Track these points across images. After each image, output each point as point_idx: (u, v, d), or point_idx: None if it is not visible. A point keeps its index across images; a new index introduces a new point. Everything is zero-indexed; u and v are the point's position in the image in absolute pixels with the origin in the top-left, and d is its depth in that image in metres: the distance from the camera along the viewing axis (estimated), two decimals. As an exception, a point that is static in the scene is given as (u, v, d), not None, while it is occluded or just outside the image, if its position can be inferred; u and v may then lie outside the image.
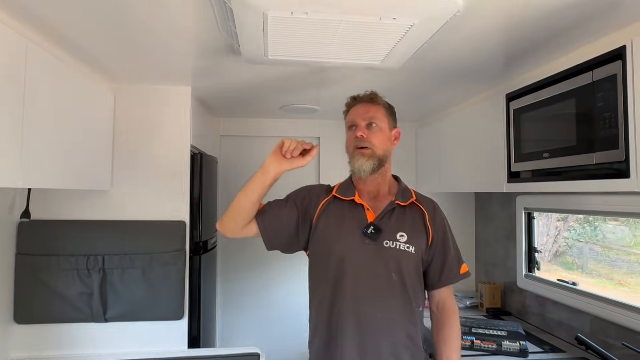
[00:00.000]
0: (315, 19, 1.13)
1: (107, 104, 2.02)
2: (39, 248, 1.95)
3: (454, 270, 1.36)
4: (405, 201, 1.36)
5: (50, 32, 1.45)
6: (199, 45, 1.55)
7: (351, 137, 1.34)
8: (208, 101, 2.51)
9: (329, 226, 1.33)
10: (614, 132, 1.33)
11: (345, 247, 1.29)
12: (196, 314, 2.20)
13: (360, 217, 1.32)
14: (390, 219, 1.32)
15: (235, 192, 3.13)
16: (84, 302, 1.96)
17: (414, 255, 1.30)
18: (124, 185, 2.08)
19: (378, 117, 1.33)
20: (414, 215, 1.35)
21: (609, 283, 2.00)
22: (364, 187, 1.38)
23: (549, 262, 2.34)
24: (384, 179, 1.39)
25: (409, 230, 1.32)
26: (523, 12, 1.26)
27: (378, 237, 1.28)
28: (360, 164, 1.30)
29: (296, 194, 1.43)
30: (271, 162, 1.29)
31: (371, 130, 1.32)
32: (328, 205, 1.36)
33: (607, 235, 2.08)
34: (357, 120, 1.33)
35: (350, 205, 1.35)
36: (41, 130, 1.43)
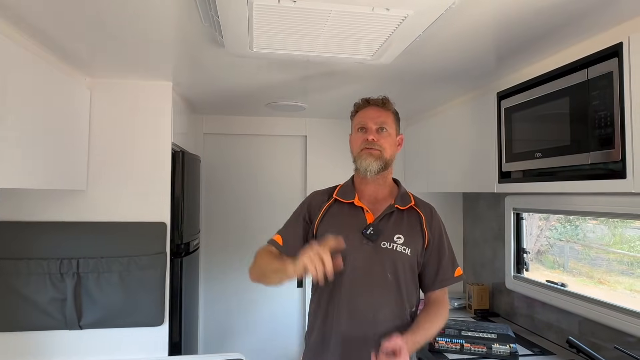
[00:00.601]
0: (304, 7, 1.06)
1: (82, 99, 1.92)
2: (8, 251, 1.84)
3: (448, 273, 1.41)
4: (404, 205, 1.40)
5: (19, 22, 1.34)
6: (180, 37, 1.47)
7: (360, 139, 1.37)
8: (191, 97, 2.42)
9: (330, 227, 1.36)
10: (610, 131, 1.30)
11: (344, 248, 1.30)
12: (177, 319, 2.11)
13: (360, 218, 1.36)
14: (389, 222, 1.36)
15: (220, 192, 3.03)
16: (57, 309, 1.86)
17: (410, 257, 1.34)
18: (101, 185, 1.98)
19: (388, 122, 1.38)
20: (411, 219, 1.40)
21: (589, 281, 2.01)
22: (365, 188, 1.42)
23: (531, 262, 2.34)
24: (385, 182, 1.43)
25: (406, 232, 1.36)
26: (517, 8, 1.22)
27: (376, 238, 1.33)
28: (368, 163, 1.34)
29: (302, 208, 1.46)
30: (292, 268, 1.18)
31: (381, 134, 1.37)
32: (329, 209, 1.40)
33: (587, 235, 2.09)
34: (369, 124, 1.36)
35: (350, 207, 1.39)
36: (10, 127, 1.33)
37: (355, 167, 1.41)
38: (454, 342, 1.90)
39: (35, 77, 1.49)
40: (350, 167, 1.45)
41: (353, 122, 1.44)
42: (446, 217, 3.05)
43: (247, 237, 2.95)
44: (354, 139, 1.41)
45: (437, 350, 1.90)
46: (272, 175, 3.05)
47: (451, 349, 1.89)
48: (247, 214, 2.99)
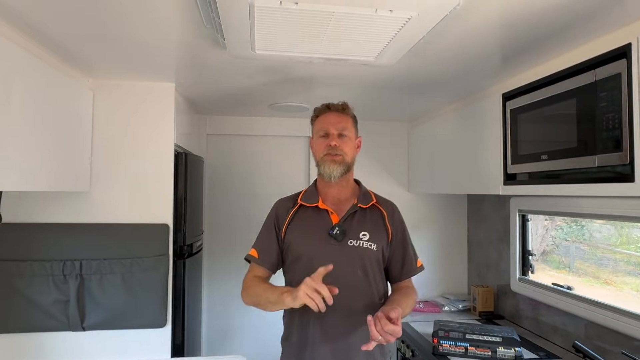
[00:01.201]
0: (306, 9, 1.05)
1: (85, 101, 1.91)
2: (11, 253, 1.84)
3: (413, 265, 1.52)
4: (366, 204, 1.48)
5: (23, 25, 1.34)
6: (182, 39, 1.46)
7: (323, 144, 1.43)
8: (193, 98, 2.41)
9: (297, 232, 1.44)
10: (617, 133, 1.28)
11: (312, 248, 1.40)
12: (180, 321, 2.11)
13: (326, 220, 1.43)
14: (353, 220, 1.44)
15: (223, 193, 3.02)
16: (60, 310, 1.86)
17: (376, 252, 1.43)
18: (104, 187, 1.97)
19: (348, 127, 1.45)
20: (374, 216, 1.48)
21: (595, 282, 1.99)
22: (329, 191, 1.49)
23: (536, 262, 2.32)
24: (347, 184, 1.50)
25: (371, 229, 1.44)
26: (522, 8, 1.20)
27: (343, 237, 1.40)
28: (332, 169, 1.41)
29: (270, 218, 1.52)
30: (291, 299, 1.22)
31: (342, 139, 1.43)
32: (295, 215, 1.46)
33: (593, 234, 2.08)
34: (331, 129, 1.43)
35: (315, 210, 1.46)
36: (13, 130, 1.33)
37: (319, 172, 1.47)
38: (458, 345, 1.88)
39: (39, 79, 1.49)
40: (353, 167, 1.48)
41: (314, 127, 1.51)
42: (451, 218, 3.07)
43: (251, 238, 2.91)
44: (316, 144, 1.48)
45: (441, 353, 1.88)
46: (275, 175, 3.04)
47: (455, 352, 1.87)
48: (250, 214, 2.98)
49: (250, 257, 1.49)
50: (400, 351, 2.36)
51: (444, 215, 3.08)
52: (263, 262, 1.46)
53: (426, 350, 1.98)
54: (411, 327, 2.33)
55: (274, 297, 1.29)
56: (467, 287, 3.01)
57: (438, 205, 3.08)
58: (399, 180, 3.09)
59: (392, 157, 3.10)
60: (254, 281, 1.42)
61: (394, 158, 3.10)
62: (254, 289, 1.39)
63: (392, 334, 1.16)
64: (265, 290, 1.35)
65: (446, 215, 3.08)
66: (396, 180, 3.09)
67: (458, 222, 3.07)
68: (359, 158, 2.98)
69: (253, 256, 1.48)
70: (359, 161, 3.03)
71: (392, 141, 3.10)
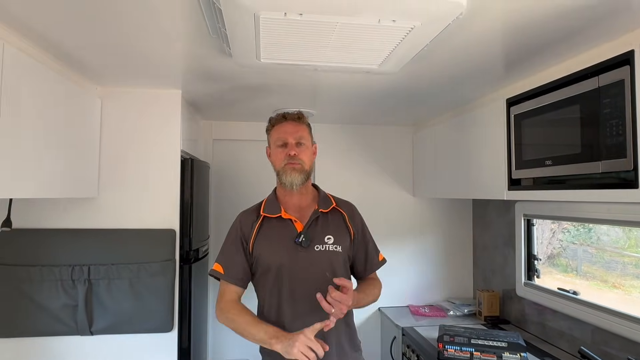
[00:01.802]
0: (310, 20, 1.06)
1: (94, 108, 1.94)
2: (21, 258, 1.87)
3: (375, 259, 1.59)
4: (326, 208, 1.52)
5: (32, 35, 1.37)
6: (189, 48, 1.48)
7: (282, 154, 1.46)
8: (199, 104, 2.44)
9: (264, 244, 1.46)
10: (621, 140, 1.28)
11: (280, 258, 1.43)
12: (186, 326, 2.13)
13: (290, 229, 1.46)
14: (317, 226, 1.48)
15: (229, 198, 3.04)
16: (69, 315, 1.88)
17: (342, 253, 1.48)
18: (111, 193, 2.00)
19: (305, 136, 1.49)
20: (336, 219, 1.53)
21: (603, 285, 1.98)
22: (290, 199, 1.52)
23: (543, 265, 2.31)
24: (307, 190, 1.54)
25: (334, 232, 1.48)
26: (526, 16, 1.21)
27: (309, 244, 1.44)
28: (293, 178, 1.44)
29: (235, 231, 1.52)
30: (281, 349, 1.25)
31: (300, 148, 1.47)
32: (260, 227, 1.48)
33: (601, 237, 2.07)
34: (289, 139, 1.46)
35: (279, 220, 1.48)
36: (24, 138, 1.36)
37: (279, 182, 1.50)
38: (464, 350, 1.88)
39: (48, 88, 1.52)
40: (358, 171, 1.49)
41: (271, 137, 1.53)
42: (456, 222, 3.07)
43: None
44: (274, 154, 1.50)
45: (446, 358, 1.88)
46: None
47: (460, 357, 1.87)
48: (256, 219, 2.99)
49: (216, 272, 1.48)
50: (405, 356, 2.36)
51: (449, 220, 3.08)
52: (230, 278, 1.45)
53: (431, 355, 1.99)
54: (416, 332, 2.34)
55: (260, 337, 1.30)
56: (472, 291, 3.01)
57: (443, 209, 3.08)
58: (403, 184, 3.10)
59: (396, 161, 3.11)
60: (234, 307, 1.41)
61: (399, 162, 3.11)
62: (237, 319, 1.38)
63: (340, 300, 1.24)
64: (248, 324, 1.35)
65: (451, 220, 3.08)
66: (401, 185, 3.10)
67: (463, 226, 3.07)
68: (364, 163, 3.03)
69: (218, 271, 1.47)
70: (363, 166, 3.06)
71: (396, 146, 3.11)
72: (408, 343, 2.32)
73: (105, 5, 1.15)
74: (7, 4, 1.16)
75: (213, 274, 1.49)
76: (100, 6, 1.15)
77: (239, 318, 1.38)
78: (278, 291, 1.43)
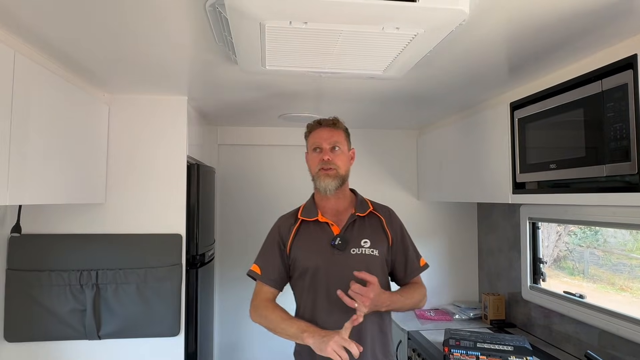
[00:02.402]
0: (315, 29, 1.08)
1: (101, 115, 1.97)
2: (30, 263, 1.89)
3: (416, 264, 1.55)
4: (364, 212, 1.52)
5: (42, 44, 1.40)
6: (195, 56, 1.51)
7: (316, 159, 1.49)
8: (205, 110, 2.46)
9: (301, 247, 1.48)
10: (625, 143, 1.28)
11: (317, 261, 1.44)
12: (193, 330, 2.14)
13: (327, 232, 1.48)
14: (353, 229, 1.48)
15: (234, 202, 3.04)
16: (77, 319, 1.90)
17: (379, 258, 1.46)
18: (119, 198, 2.03)
19: (340, 141, 1.50)
20: (373, 223, 1.52)
21: (610, 288, 1.97)
22: (327, 204, 1.53)
23: (549, 268, 2.30)
24: (344, 195, 1.54)
25: (371, 236, 1.48)
26: (529, 21, 1.22)
27: (345, 247, 1.44)
28: (327, 184, 1.46)
29: (273, 234, 1.55)
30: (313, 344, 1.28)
31: (335, 153, 1.49)
32: (298, 230, 1.50)
33: (608, 240, 2.05)
34: (323, 144, 1.48)
35: (316, 224, 1.50)
36: (31, 145, 1.38)
37: (315, 186, 1.53)
38: (470, 354, 1.87)
39: (57, 95, 1.54)
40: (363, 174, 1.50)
41: (307, 143, 1.56)
42: (461, 226, 3.07)
43: (261, 246, 2.97)
44: (310, 159, 1.53)
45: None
46: (286, 184, 3.07)
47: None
48: (262, 223, 2.99)
49: (253, 273, 1.51)
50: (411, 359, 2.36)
51: (454, 223, 3.08)
52: (266, 280, 1.48)
53: (437, 359, 1.99)
54: (422, 336, 2.34)
55: (293, 332, 1.33)
56: (478, 295, 3.00)
57: (448, 212, 3.09)
58: (408, 188, 3.11)
59: (401, 165, 3.11)
60: (268, 305, 1.44)
61: (403, 166, 3.11)
62: (269, 315, 1.41)
63: (360, 292, 1.25)
64: (282, 320, 1.38)
65: (456, 223, 3.08)
66: (406, 188, 3.10)
67: (468, 229, 3.07)
68: (369, 166, 3.04)
69: (255, 272, 1.50)
70: (368, 169, 3.07)
71: (401, 149, 3.12)
72: (414, 347, 2.32)
73: (113, 15, 1.17)
74: (18, 15, 1.18)
75: (250, 274, 1.52)
76: (109, 16, 1.18)
77: (271, 314, 1.40)
78: (314, 293, 1.44)
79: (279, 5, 0.97)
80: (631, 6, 1.14)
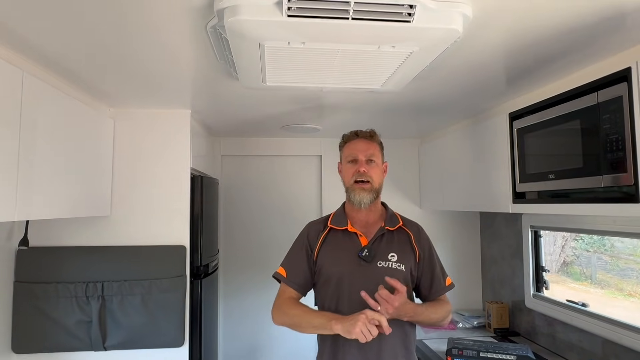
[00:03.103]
0: (313, 48, 1.11)
1: (106, 129, 2.01)
2: (38, 276, 1.93)
3: (441, 284, 1.55)
4: (393, 226, 1.52)
5: (49, 63, 1.45)
6: (197, 72, 1.54)
7: (351, 170, 1.49)
8: (208, 122, 2.50)
9: (328, 254, 1.48)
10: (621, 155, 1.30)
11: (342, 269, 1.44)
12: (197, 340, 2.16)
13: (355, 243, 1.48)
14: (381, 242, 1.48)
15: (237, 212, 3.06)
16: (83, 331, 1.93)
17: (405, 273, 1.46)
18: (124, 211, 2.06)
19: (376, 154, 1.51)
20: (401, 238, 1.52)
21: (618, 294, 1.96)
22: (357, 215, 1.53)
23: (556, 274, 2.29)
24: (376, 208, 1.54)
25: (399, 251, 1.48)
26: (523, 36, 1.24)
27: (372, 259, 1.43)
28: (361, 197, 1.46)
29: (302, 238, 1.55)
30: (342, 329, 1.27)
31: (370, 165, 1.48)
32: (326, 238, 1.51)
33: (615, 245, 2.04)
34: (359, 156, 1.48)
35: (345, 233, 1.50)
36: (39, 162, 1.42)
37: (348, 198, 1.52)
38: (472, 364, 1.88)
39: (63, 112, 1.58)
40: None
41: (343, 153, 1.56)
42: (463, 234, 3.07)
43: (265, 256, 2.99)
44: (345, 170, 1.53)
45: (455, 372, 1.89)
46: (289, 194, 3.10)
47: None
48: (265, 233, 3.04)
49: (279, 275, 1.51)
50: (414, 369, 2.35)
51: (457, 231, 3.08)
52: (291, 283, 1.48)
53: (440, 368, 1.99)
54: (425, 345, 2.34)
55: (319, 321, 1.32)
56: (481, 303, 3.00)
57: (450, 221, 3.09)
58: (410, 196, 3.12)
59: (403, 173, 3.13)
60: (291, 302, 1.45)
61: (405, 174, 3.13)
62: (293, 310, 1.41)
63: (387, 299, 1.26)
64: (306, 313, 1.38)
65: (459, 231, 3.08)
66: (408, 197, 3.12)
67: (471, 237, 3.07)
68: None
69: (281, 275, 1.51)
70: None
71: (402, 158, 3.14)
72: (417, 356, 2.33)
73: (118, 35, 1.21)
74: (27, 38, 1.23)
75: (276, 276, 1.53)
76: (114, 37, 1.22)
77: (294, 310, 1.41)
78: (336, 301, 1.43)
79: (276, 29, 1.00)
80: (624, 22, 1.16)
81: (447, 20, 0.99)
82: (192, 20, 1.10)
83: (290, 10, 0.94)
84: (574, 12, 1.09)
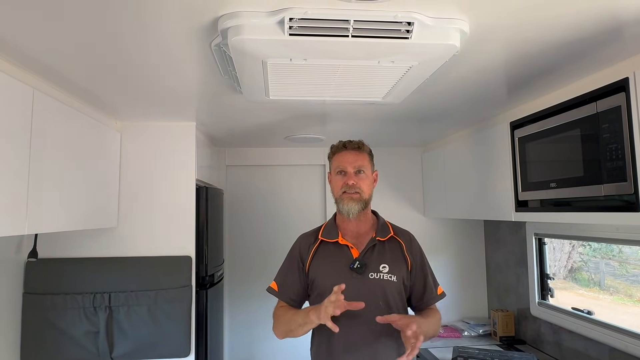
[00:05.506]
0: (314, 64, 1.14)
1: (113, 142, 2.05)
2: (46, 287, 1.95)
3: (433, 293, 1.53)
4: (384, 236, 1.50)
5: (59, 80, 1.49)
6: (202, 87, 1.58)
7: (340, 182, 1.48)
8: (213, 134, 2.53)
9: (319, 267, 1.48)
10: (621, 164, 1.31)
11: (335, 282, 1.39)
12: (203, 350, 2.17)
13: (346, 255, 1.47)
14: (373, 253, 1.47)
15: (242, 222, 3.08)
16: (91, 341, 1.95)
17: (397, 283, 1.44)
18: (130, 222, 2.09)
19: (365, 164, 1.49)
20: (393, 248, 1.50)
21: (628, 300, 1.94)
22: (348, 226, 1.52)
23: (564, 280, 2.27)
24: (366, 218, 1.53)
25: (390, 261, 1.46)
26: (522, 48, 1.26)
27: (363, 271, 1.43)
28: (350, 207, 1.45)
29: (293, 252, 1.56)
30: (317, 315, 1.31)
31: (359, 177, 1.47)
32: (317, 250, 1.51)
33: (623, 250, 2.02)
34: (348, 168, 1.47)
35: (336, 245, 1.49)
36: (48, 176, 1.45)
37: (337, 209, 1.52)
38: (478, 372, 1.88)
39: (72, 127, 1.62)
40: None
41: (332, 164, 1.55)
42: (468, 242, 3.07)
43: (270, 265, 2.99)
44: (334, 181, 1.52)
45: (460, 381, 1.88)
46: (293, 204, 3.12)
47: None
48: (269, 242, 3.05)
49: (271, 290, 1.54)
50: (420, 378, 2.35)
51: (461, 239, 3.09)
52: (283, 297, 1.50)
53: (445, 377, 1.99)
54: (430, 354, 2.33)
55: (302, 318, 1.35)
56: (487, 311, 2.99)
57: (455, 229, 3.10)
58: (414, 204, 3.13)
59: (406, 181, 3.14)
60: (284, 311, 1.47)
61: (409, 183, 3.14)
62: (283, 317, 1.45)
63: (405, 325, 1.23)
64: (293, 315, 1.42)
65: (463, 239, 3.08)
66: (412, 205, 3.13)
67: (475, 245, 3.07)
68: (376, 184, 3.06)
69: (273, 289, 1.53)
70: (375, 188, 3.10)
71: (406, 166, 3.15)
72: (423, 365, 2.32)
73: (126, 53, 1.25)
74: (37, 57, 1.27)
75: (269, 291, 1.55)
76: (122, 54, 1.25)
77: (284, 316, 1.44)
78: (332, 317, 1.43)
79: (278, 47, 1.03)
80: (622, 33, 1.18)
81: (445, 36, 1.02)
82: (198, 39, 1.13)
83: (292, 29, 0.97)
84: (570, 24, 1.11)
